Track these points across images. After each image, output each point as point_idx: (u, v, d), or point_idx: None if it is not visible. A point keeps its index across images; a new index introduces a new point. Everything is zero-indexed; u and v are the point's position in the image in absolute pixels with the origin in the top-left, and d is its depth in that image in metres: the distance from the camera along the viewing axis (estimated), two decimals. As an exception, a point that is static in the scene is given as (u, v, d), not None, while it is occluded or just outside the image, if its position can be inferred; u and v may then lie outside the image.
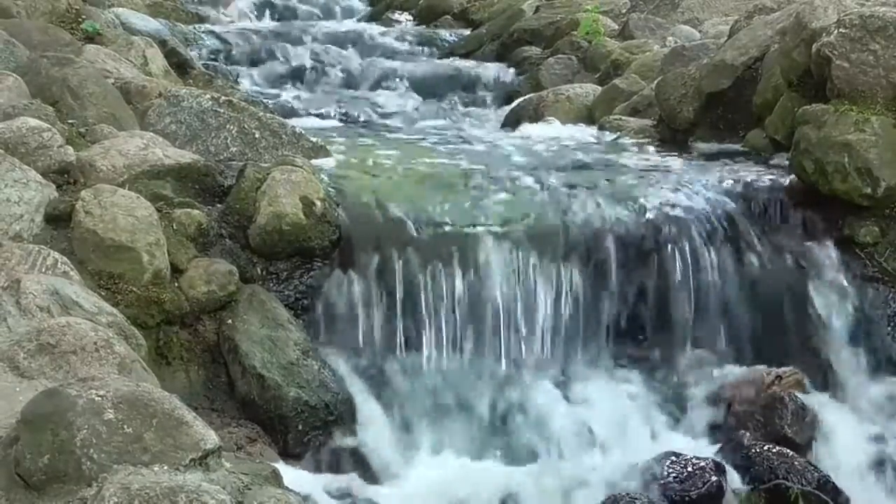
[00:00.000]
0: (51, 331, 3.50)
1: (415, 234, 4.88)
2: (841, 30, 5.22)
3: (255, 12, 11.36)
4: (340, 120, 8.04)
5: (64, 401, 2.92)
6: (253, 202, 4.82)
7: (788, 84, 5.73)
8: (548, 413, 4.65)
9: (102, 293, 4.24)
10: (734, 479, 4.34)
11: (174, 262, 4.56)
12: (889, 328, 5.01)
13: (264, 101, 7.57)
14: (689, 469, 4.27)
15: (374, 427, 4.49)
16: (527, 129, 7.14)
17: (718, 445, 4.58)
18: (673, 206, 5.18)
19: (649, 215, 5.11)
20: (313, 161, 5.40)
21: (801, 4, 5.86)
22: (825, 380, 4.92)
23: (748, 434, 4.57)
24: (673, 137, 6.43)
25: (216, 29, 9.99)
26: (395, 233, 4.88)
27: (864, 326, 5.01)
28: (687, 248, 5.03)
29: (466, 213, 5.06)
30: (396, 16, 11.74)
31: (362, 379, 4.63)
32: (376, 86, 8.89)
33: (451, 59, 9.80)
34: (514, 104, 8.12)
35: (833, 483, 4.37)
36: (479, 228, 4.94)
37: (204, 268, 4.60)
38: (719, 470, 4.31)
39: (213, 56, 9.06)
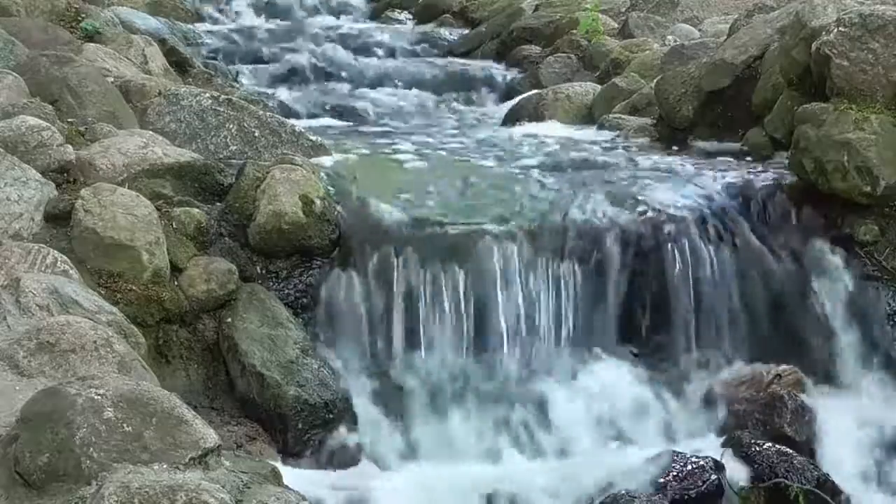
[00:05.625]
0: (50, 329, 3.50)
1: (415, 232, 4.87)
2: (840, 28, 5.21)
3: (255, 11, 11.35)
4: (340, 119, 8.03)
5: (63, 399, 2.92)
6: (252, 201, 4.82)
7: (788, 83, 5.73)
8: (547, 411, 4.65)
9: (102, 292, 4.24)
10: (734, 478, 4.34)
11: (174, 260, 4.56)
12: (888, 326, 5.01)
13: (264, 99, 7.57)
14: (689, 467, 4.28)
15: (373, 425, 4.49)
16: (526, 127, 7.14)
17: (718, 444, 4.58)
18: (673, 204, 5.17)
19: (649, 214, 5.10)
20: (313, 159, 5.40)
21: (800, 3, 5.85)
22: (825, 378, 4.92)
23: (748, 432, 4.58)
24: (672, 136, 6.42)
25: (216, 27, 9.99)
26: (395, 231, 4.87)
27: (864, 325, 5.01)
28: (687, 247, 5.03)
29: (466, 211, 5.06)
30: (396, 14, 11.74)
31: (362, 377, 4.63)
32: (376, 84, 8.89)
33: (451, 57, 9.79)
34: (513, 103, 8.12)
35: (832, 481, 4.37)
36: (479, 227, 4.94)
37: (203, 266, 4.60)
38: (719, 468, 4.32)
39: (212, 55, 9.06)
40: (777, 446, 4.43)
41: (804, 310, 5.03)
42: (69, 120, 5.26)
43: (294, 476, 3.85)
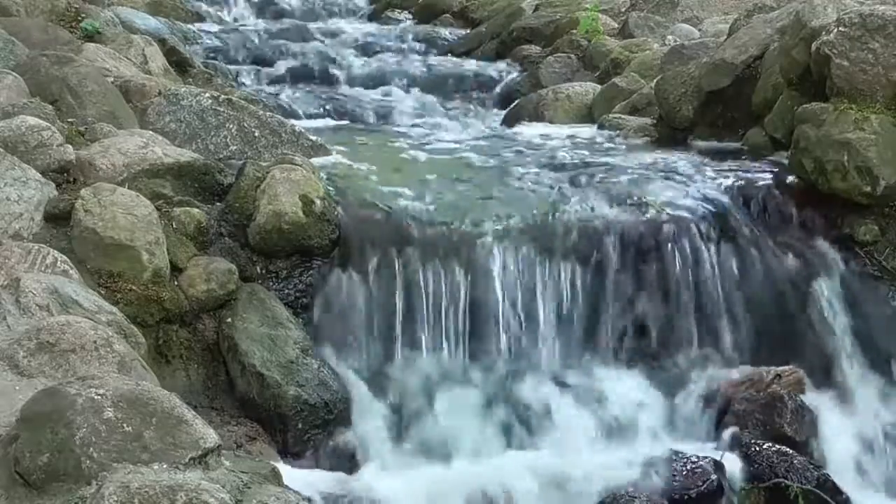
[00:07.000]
0: (50, 329, 3.50)
1: (415, 232, 4.88)
2: (840, 28, 5.22)
3: (255, 11, 11.35)
4: (340, 119, 8.03)
5: (63, 399, 2.92)
6: (252, 201, 4.82)
7: (788, 82, 5.73)
8: (548, 411, 4.65)
9: (102, 292, 4.24)
10: (734, 478, 4.34)
11: (174, 260, 4.56)
12: (888, 326, 5.01)
13: (264, 99, 7.56)
14: (689, 467, 4.28)
15: (373, 426, 4.49)
16: (526, 127, 7.14)
17: (718, 444, 4.57)
18: (673, 204, 5.18)
19: (649, 214, 5.11)
20: (313, 159, 5.40)
21: (800, 3, 5.86)
22: (825, 378, 4.91)
23: (748, 432, 4.58)
24: (672, 136, 6.42)
25: (216, 27, 10.00)
26: (395, 231, 4.88)
27: (864, 325, 5.01)
28: (687, 247, 5.03)
29: (466, 211, 5.06)
30: (396, 14, 11.74)
31: (362, 377, 4.63)
32: (376, 84, 8.88)
33: (451, 57, 9.80)
34: (513, 103, 8.12)
35: (832, 481, 4.37)
36: (479, 227, 4.94)
37: (203, 266, 4.60)
38: (719, 468, 4.32)
39: (212, 55, 9.06)
40: (777, 446, 4.43)
41: (804, 310, 5.02)
42: (69, 120, 5.26)
43: (294, 476, 3.85)
